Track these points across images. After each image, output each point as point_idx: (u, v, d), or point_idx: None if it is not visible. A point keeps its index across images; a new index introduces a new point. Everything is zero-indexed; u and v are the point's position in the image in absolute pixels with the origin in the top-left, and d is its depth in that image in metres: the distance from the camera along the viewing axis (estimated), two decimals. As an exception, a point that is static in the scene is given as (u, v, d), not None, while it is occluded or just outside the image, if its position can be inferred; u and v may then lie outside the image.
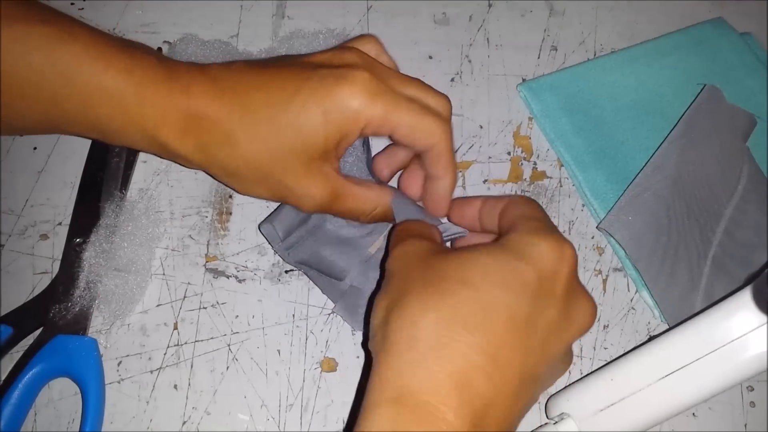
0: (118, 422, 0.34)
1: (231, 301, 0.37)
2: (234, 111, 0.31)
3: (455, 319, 0.26)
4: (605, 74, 0.45)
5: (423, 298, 0.27)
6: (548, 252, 0.28)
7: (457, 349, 0.25)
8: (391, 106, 0.31)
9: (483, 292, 0.27)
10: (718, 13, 0.49)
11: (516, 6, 0.48)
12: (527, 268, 0.27)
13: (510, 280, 0.27)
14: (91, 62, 0.30)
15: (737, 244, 0.40)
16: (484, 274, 0.27)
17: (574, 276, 0.28)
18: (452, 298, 0.26)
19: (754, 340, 0.30)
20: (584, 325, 0.29)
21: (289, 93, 0.31)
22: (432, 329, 0.26)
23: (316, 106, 0.30)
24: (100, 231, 0.37)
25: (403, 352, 0.26)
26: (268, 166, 0.32)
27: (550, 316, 0.27)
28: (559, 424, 0.33)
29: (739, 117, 0.44)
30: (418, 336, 0.26)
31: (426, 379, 0.25)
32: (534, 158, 0.43)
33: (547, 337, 0.27)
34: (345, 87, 0.30)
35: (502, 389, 0.26)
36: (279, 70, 0.32)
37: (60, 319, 0.35)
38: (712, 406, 0.37)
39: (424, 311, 0.26)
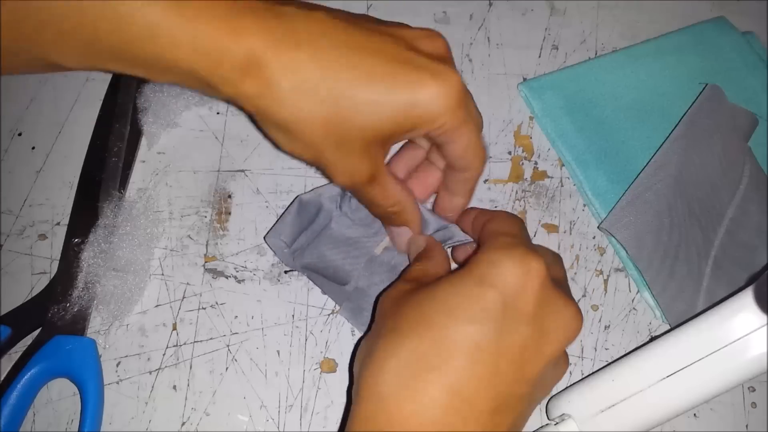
0: (117, 423, 0.34)
1: (230, 302, 0.37)
2: (308, 68, 0.27)
3: (416, 361, 0.26)
4: (606, 73, 0.45)
5: (387, 345, 0.27)
6: (511, 270, 0.27)
7: (419, 389, 0.26)
8: (465, 120, 0.30)
9: (442, 328, 0.27)
10: (720, 12, 0.49)
11: (517, 5, 0.48)
12: (489, 292, 0.27)
13: (471, 310, 0.27)
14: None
15: (739, 244, 0.40)
16: (444, 310, 0.27)
17: (544, 289, 0.28)
18: (412, 340, 0.27)
19: (755, 341, 0.29)
20: (566, 335, 0.28)
21: (377, 71, 0.28)
22: (394, 374, 0.26)
23: (404, 95, 0.29)
24: (98, 231, 0.37)
25: (369, 401, 0.27)
26: (326, 135, 0.29)
27: (522, 335, 0.27)
28: (560, 425, 0.32)
29: (740, 116, 0.44)
30: (381, 383, 0.26)
31: (388, 421, 0.26)
32: (535, 158, 0.43)
33: (521, 356, 0.27)
34: (438, 86, 0.29)
35: (472, 419, 0.26)
36: (370, 38, 0.29)
37: (59, 320, 0.35)
38: (714, 407, 0.37)
39: (386, 358, 0.27)
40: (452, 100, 0.29)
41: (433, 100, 0.29)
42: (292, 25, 0.28)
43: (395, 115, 0.29)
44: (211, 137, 0.42)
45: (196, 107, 0.42)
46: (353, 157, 0.31)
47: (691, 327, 0.31)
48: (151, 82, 0.41)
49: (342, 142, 0.30)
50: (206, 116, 0.42)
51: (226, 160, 0.41)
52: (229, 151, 0.41)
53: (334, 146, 0.30)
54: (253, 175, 0.41)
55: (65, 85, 0.43)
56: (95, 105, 0.41)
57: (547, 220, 0.41)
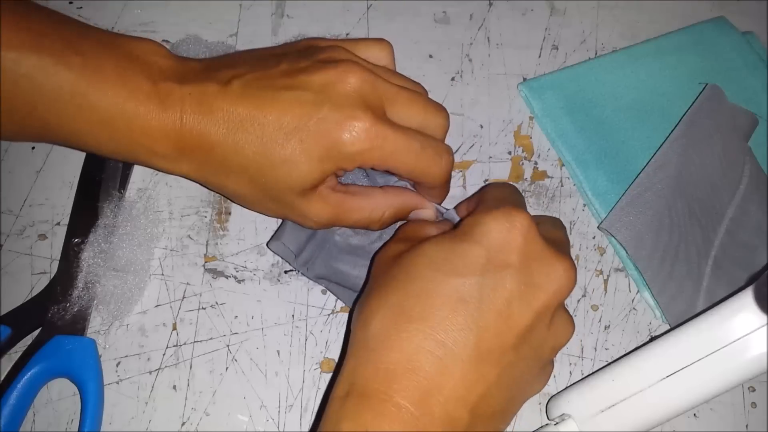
0: (116, 423, 0.34)
1: (230, 302, 0.37)
2: (227, 141, 0.30)
3: (401, 313, 0.27)
4: (606, 73, 0.45)
5: (375, 300, 0.28)
6: (494, 225, 0.28)
7: (404, 339, 0.27)
8: (389, 151, 0.31)
9: (427, 281, 0.27)
10: (720, 12, 0.49)
11: (517, 5, 0.48)
12: (473, 247, 0.28)
13: (455, 263, 0.28)
14: (84, 92, 0.30)
15: (739, 244, 0.40)
16: (428, 264, 0.28)
17: (530, 242, 0.28)
18: (398, 294, 0.28)
19: (755, 341, 0.29)
20: (555, 287, 0.28)
21: (286, 129, 0.30)
22: (380, 326, 0.27)
23: (316, 147, 0.30)
24: (98, 231, 0.37)
25: (357, 353, 0.28)
26: (263, 195, 0.32)
27: (506, 286, 0.27)
28: (560, 425, 0.32)
29: (740, 116, 0.44)
30: (368, 335, 0.28)
31: (374, 371, 0.26)
32: (535, 158, 0.43)
33: (507, 307, 0.27)
34: (346, 134, 0.30)
35: (455, 368, 0.26)
36: (277, 96, 0.31)
37: (59, 320, 0.35)
38: (714, 407, 0.37)
39: (373, 312, 0.28)
40: (364, 143, 0.30)
41: (344, 147, 0.30)
42: (213, 100, 0.30)
43: (313, 165, 0.31)
44: (211, 137, 0.42)
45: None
46: (303, 206, 0.32)
47: (691, 327, 0.31)
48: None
49: (281, 200, 0.32)
50: (206, 116, 0.42)
51: (226, 160, 0.41)
52: (229, 151, 0.41)
53: (278, 204, 0.33)
54: (253, 175, 0.41)
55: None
56: (95, 105, 0.41)
57: (547, 220, 0.41)
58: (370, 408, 0.26)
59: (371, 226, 0.35)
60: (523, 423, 0.36)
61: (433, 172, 0.33)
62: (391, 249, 0.32)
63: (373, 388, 0.26)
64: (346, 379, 0.27)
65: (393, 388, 0.26)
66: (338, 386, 0.28)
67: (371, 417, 0.26)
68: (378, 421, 0.25)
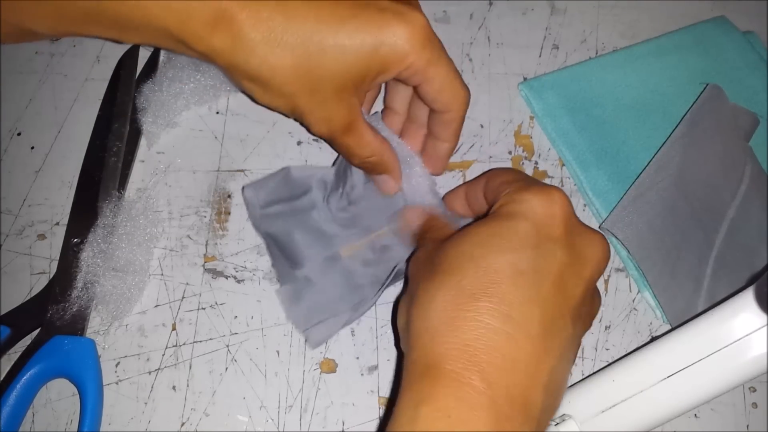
0: (116, 423, 0.34)
1: (230, 302, 0.37)
2: (274, 18, 0.29)
3: (461, 293, 0.26)
4: (607, 73, 0.45)
5: (429, 288, 0.27)
6: (536, 201, 0.28)
7: (470, 318, 0.26)
8: (433, 58, 0.31)
9: (482, 259, 0.27)
10: (721, 11, 0.49)
11: (517, 4, 0.48)
12: (520, 222, 0.28)
13: (507, 240, 0.27)
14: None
15: (740, 244, 0.40)
16: (480, 244, 0.28)
17: (571, 216, 0.28)
18: (454, 276, 0.27)
19: (756, 341, 0.29)
20: (598, 258, 0.29)
21: (341, 15, 0.29)
22: (441, 310, 0.26)
23: (369, 36, 0.29)
24: (97, 231, 0.37)
25: (421, 338, 0.27)
26: (298, 82, 0.31)
27: (558, 258, 0.27)
28: (561, 425, 0.32)
29: (741, 116, 0.43)
30: (430, 320, 0.26)
31: (445, 352, 0.25)
32: (535, 158, 0.43)
33: (561, 279, 0.27)
34: (403, 26, 0.30)
35: (526, 344, 0.26)
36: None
37: (58, 320, 0.35)
38: (714, 407, 0.37)
39: (431, 298, 0.27)
40: (417, 39, 0.30)
41: (397, 39, 0.30)
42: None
43: (362, 57, 0.30)
44: (210, 137, 0.42)
45: (195, 107, 0.42)
46: (328, 105, 0.32)
47: (691, 327, 0.31)
48: (150, 82, 0.41)
49: (315, 90, 0.31)
50: (206, 116, 0.42)
51: (225, 160, 0.41)
52: (228, 151, 0.41)
53: (308, 94, 0.31)
54: (252, 174, 0.41)
55: (64, 85, 0.43)
56: (94, 104, 0.41)
57: (548, 219, 0.41)
58: (447, 391, 0.25)
59: (352, 159, 0.35)
60: (524, 423, 0.36)
61: (463, 95, 0.33)
62: (423, 250, 0.32)
63: (447, 369, 0.25)
64: (417, 364, 0.26)
65: (469, 369, 0.25)
66: (409, 372, 0.26)
67: (451, 401, 0.24)
68: (458, 405, 0.24)
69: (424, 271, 0.29)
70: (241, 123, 0.42)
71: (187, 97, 0.41)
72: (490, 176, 0.33)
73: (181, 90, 0.41)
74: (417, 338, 0.27)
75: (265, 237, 0.38)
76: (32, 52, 0.44)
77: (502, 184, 0.31)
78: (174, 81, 0.41)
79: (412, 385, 0.26)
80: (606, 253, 0.29)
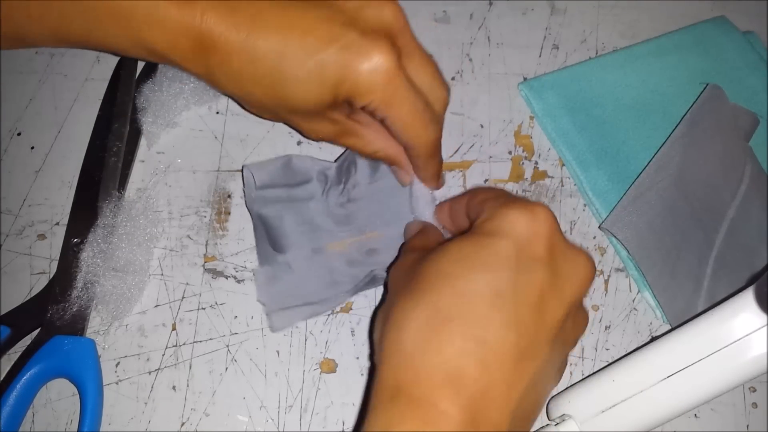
0: (116, 423, 0.34)
1: (230, 302, 0.37)
2: (246, 49, 0.30)
3: (436, 315, 0.26)
4: (607, 73, 0.45)
5: (405, 304, 0.27)
6: (519, 218, 0.27)
7: (443, 341, 0.25)
8: (398, 99, 0.31)
9: (459, 279, 0.26)
10: (721, 11, 0.49)
11: (517, 4, 0.48)
12: (501, 241, 0.27)
13: (486, 259, 0.27)
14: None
15: (740, 244, 0.40)
16: (458, 261, 0.27)
17: (554, 234, 0.28)
18: (430, 295, 0.27)
19: (756, 341, 0.29)
20: (581, 279, 0.28)
21: (308, 48, 0.30)
22: (415, 330, 0.26)
23: (333, 73, 0.30)
24: (97, 231, 0.36)
25: (393, 360, 0.26)
26: (275, 105, 0.32)
27: (539, 279, 0.26)
28: (561, 426, 0.32)
29: (741, 116, 0.43)
30: (404, 339, 0.26)
31: (415, 375, 0.25)
32: (535, 158, 0.43)
33: (541, 301, 0.26)
34: (366, 65, 0.30)
35: (499, 369, 0.25)
36: (305, 17, 0.30)
37: (58, 320, 0.35)
38: (714, 407, 0.37)
39: (406, 315, 0.27)
40: (381, 80, 0.30)
41: (361, 78, 0.30)
42: (236, 6, 0.30)
43: (326, 89, 0.31)
44: (210, 137, 0.42)
45: (195, 107, 0.42)
46: (311, 121, 0.33)
47: (691, 327, 0.31)
48: (150, 81, 0.41)
49: (292, 111, 0.33)
50: (206, 116, 0.42)
51: (225, 160, 0.41)
52: (228, 151, 0.41)
53: (288, 113, 0.33)
54: (252, 174, 0.41)
55: (64, 85, 0.43)
56: (94, 104, 0.41)
57: (548, 219, 0.41)
58: (416, 415, 0.24)
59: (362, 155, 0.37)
60: (524, 423, 0.36)
61: (424, 137, 0.33)
62: (405, 259, 0.31)
63: (417, 394, 0.25)
64: (387, 384, 0.26)
65: (437, 394, 0.25)
66: (379, 391, 0.26)
67: (419, 425, 0.24)
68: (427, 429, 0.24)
69: (402, 285, 0.29)
70: (241, 123, 0.42)
71: (187, 97, 0.41)
72: (473, 193, 0.33)
73: (181, 90, 0.41)
74: (389, 358, 0.27)
75: (255, 218, 0.38)
76: (32, 52, 0.44)
77: (485, 201, 0.31)
78: (174, 81, 0.41)
79: (381, 407, 0.26)
80: (590, 272, 0.28)
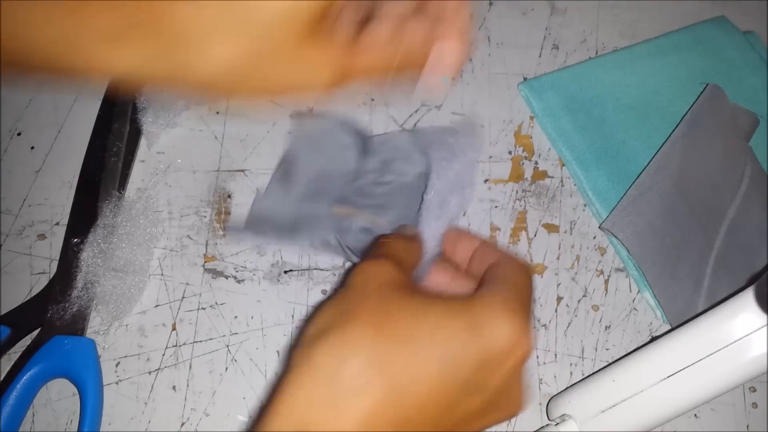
0: (116, 423, 0.34)
1: (230, 302, 0.37)
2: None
3: (385, 371, 0.24)
4: (607, 73, 0.45)
5: (362, 337, 0.24)
6: (506, 337, 0.26)
7: (375, 400, 0.24)
8: None
9: (422, 352, 0.25)
10: (721, 11, 0.49)
11: (517, 4, 0.48)
12: (477, 345, 0.25)
13: (454, 352, 0.25)
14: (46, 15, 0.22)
15: (740, 244, 0.40)
16: (432, 334, 0.25)
17: (518, 367, 0.27)
18: (390, 347, 0.24)
19: (756, 341, 0.29)
20: (507, 416, 0.28)
21: None
22: (357, 372, 0.24)
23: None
24: (97, 231, 0.36)
25: (320, 385, 0.24)
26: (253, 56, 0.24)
27: (475, 404, 0.26)
28: (561, 425, 0.32)
29: (741, 116, 0.43)
30: (341, 374, 0.24)
31: (333, 421, 0.23)
32: (535, 157, 0.43)
33: (462, 421, 0.26)
34: None
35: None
36: None
37: (58, 320, 0.35)
38: (715, 407, 0.37)
39: (357, 351, 0.24)
40: None
41: None
42: None
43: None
44: (210, 137, 0.42)
45: (195, 107, 0.42)
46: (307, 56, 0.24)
47: (691, 327, 0.31)
48: (150, 82, 0.41)
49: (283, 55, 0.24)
50: (206, 116, 0.42)
51: (225, 160, 0.41)
52: (228, 151, 0.41)
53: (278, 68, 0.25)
54: (252, 174, 0.41)
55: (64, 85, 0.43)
56: (94, 105, 0.41)
57: (548, 219, 0.41)
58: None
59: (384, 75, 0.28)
60: (524, 423, 0.36)
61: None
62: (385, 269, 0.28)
63: None
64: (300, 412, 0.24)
65: None
66: (289, 413, 0.24)
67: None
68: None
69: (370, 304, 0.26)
70: (241, 123, 0.42)
71: (187, 96, 0.41)
72: (503, 260, 0.31)
73: (181, 90, 0.41)
74: (313, 383, 0.24)
75: (285, 154, 0.38)
76: (32, 52, 0.44)
77: (502, 279, 0.29)
78: (174, 81, 0.41)
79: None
80: (518, 411, 0.28)
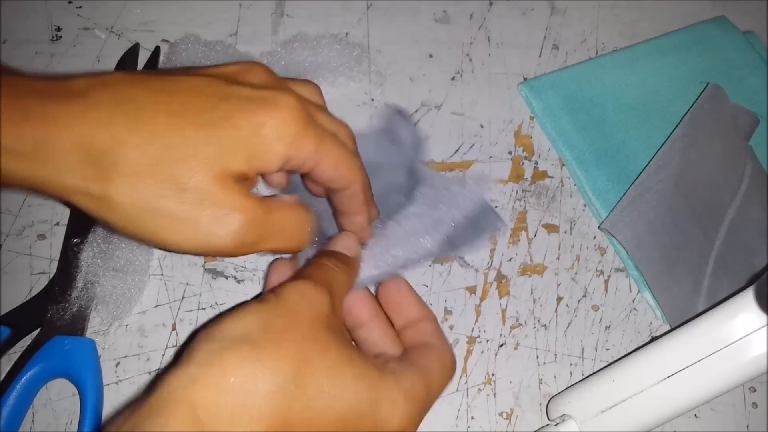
0: (116, 423, 0.34)
1: (230, 302, 0.37)
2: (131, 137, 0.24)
3: (288, 407, 0.23)
4: (607, 73, 0.45)
5: (280, 366, 0.23)
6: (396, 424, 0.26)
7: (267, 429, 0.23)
8: (319, 140, 0.27)
9: (325, 404, 0.24)
10: (721, 11, 0.49)
11: (517, 4, 0.48)
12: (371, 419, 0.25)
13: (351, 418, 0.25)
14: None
15: (740, 244, 0.40)
16: (341, 393, 0.25)
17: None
18: (299, 389, 0.23)
19: (756, 341, 0.29)
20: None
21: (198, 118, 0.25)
22: (262, 397, 0.23)
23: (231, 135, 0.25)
24: (97, 231, 0.36)
25: (226, 394, 0.22)
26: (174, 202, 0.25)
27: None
28: (561, 426, 0.32)
29: (741, 116, 0.43)
30: (248, 391, 0.23)
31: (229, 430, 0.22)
32: (535, 158, 0.43)
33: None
34: (272, 114, 0.26)
35: None
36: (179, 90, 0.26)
37: (58, 320, 0.35)
38: (715, 408, 0.37)
39: (270, 378, 0.23)
40: (294, 125, 0.26)
41: (268, 133, 0.26)
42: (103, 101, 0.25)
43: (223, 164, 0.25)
44: (210, 137, 0.42)
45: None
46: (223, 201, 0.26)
47: (691, 327, 0.31)
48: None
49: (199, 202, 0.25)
50: (206, 116, 0.42)
51: (225, 160, 0.41)
52: (228, 151, 0.41)
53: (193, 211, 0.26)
54: (252, 174, 0.41)
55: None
56: (94, 104, 0.41)
57: (548, 220, 0.41)
58: None
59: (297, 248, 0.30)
60: (524, 423, 0.36)
61: (356, 168, 0.30)
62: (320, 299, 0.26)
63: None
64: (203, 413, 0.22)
65: None
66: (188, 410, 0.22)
67: None
68: None
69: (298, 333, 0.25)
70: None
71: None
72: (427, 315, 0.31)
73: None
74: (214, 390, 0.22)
75: None
76: (32, 52, 0.44)
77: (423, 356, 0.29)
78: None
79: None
80: None
